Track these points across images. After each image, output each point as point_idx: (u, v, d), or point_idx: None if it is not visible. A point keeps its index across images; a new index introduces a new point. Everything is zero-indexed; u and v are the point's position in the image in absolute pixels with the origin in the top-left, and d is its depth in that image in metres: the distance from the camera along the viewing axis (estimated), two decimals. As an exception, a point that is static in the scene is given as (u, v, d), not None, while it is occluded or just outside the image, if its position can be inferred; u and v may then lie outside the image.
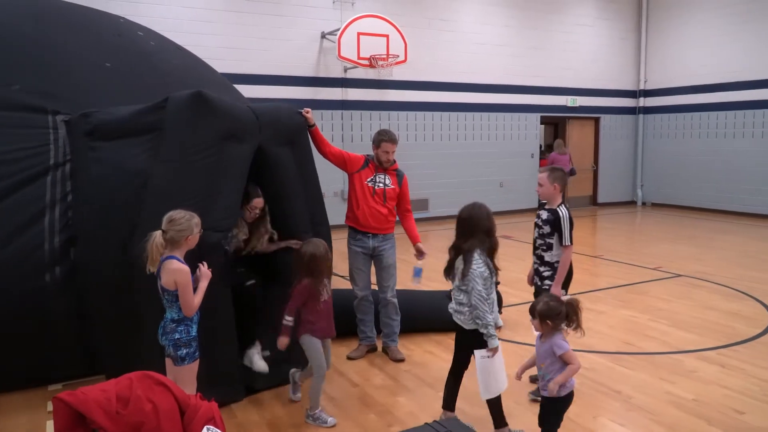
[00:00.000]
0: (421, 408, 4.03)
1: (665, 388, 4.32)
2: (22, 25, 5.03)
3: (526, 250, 4.31)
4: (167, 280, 3.17)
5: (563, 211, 4.08)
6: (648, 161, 15.53)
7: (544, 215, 4.16)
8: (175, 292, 3.17)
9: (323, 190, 4.83)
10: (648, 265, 8.33)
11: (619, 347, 5.17)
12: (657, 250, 9.57)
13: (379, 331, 5.08)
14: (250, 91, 8.71)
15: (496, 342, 3.38)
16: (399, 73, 11.76)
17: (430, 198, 12.77)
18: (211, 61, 7.10)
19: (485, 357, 3.38)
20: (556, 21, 14.17)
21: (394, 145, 4.82)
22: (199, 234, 3.32)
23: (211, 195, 3.82)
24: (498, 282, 3.77)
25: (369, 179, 4.81)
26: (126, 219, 3.84)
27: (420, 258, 4.89)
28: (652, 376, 4.54)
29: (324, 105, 11.49)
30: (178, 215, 3.23)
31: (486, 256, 3.44)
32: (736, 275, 7.65)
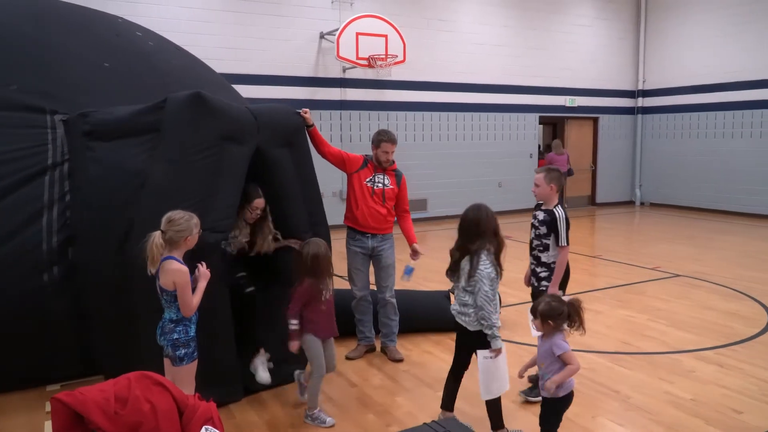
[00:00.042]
0: (420, 408, 4.03)
1: (664, 387, 4.33)
2: (21, 25, 5.03)
3: (524, 250, 4.30)
4: (166, 280, 3.17)
5: (560, 212, 4.07)
6: (646, 161, 15.55)
7: (540, 216, 4.15)
8: (174, 292, 3.17)
9: (321, 190, 4.83)
10: (646, 265, 8.34)
11: (618, 347, 5.18)
12: (655, 250, 9.57)
13: (378, 331, 5.08)
14: (248, 91, 8.70)
15: (500, 343, 3.39)
16: (398, 73, 11.76)
17: (428, 198, 12.78)
18: (210, 61, 7.09)
19: (488, 358, 3.38)
20: (554, 21, 14.18)
21: (393, 146, 4.83)
22: (198, 234, 3.31)
23: (211, 195, 3.81)
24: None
25: (368, 179, 4.81)
26: (125, 219, 3.84)
27: (414, 258, 4.89)
28: (650, 375, 4.55)
29: (322, 105, 11.49)
30: (177, 216, 3.23)
31: (493, 256, 3.45)
32: (734, 275, 7.66)
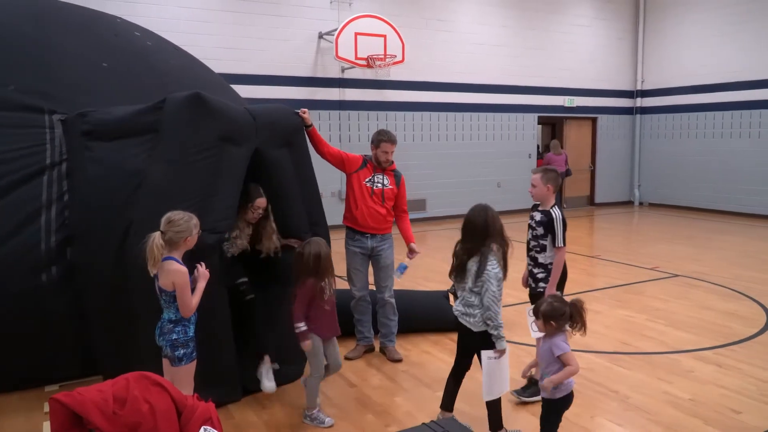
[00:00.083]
0: (419, 408, 4.03)
1: (662, 387, 4.33)
2: (21, 25, 5.01)
3: (522, 250, 4.31)
4: (165, 281, 3.16)
5: (556, 213, 4.07)
6: (645, 161, 15.56)
7: (537, 216, 4.15)
8: (173, 292, 3.17)
9: (321, 190, 4.83)
10: (645, 265, 8.35)
11: (617, 347, 5.18)
12: (654, 250, 9.58)
13: (377, 332, 5.08)
14: (247, 92, 8.70)
15: (504, 344, 3.40)
16: (396, 74, 11.76)
17: (427, 198, 12.78)
18: (208, 61, 7.09)
19: (492, 358, 3.39)
20: (553, 21, 14.19)
21: (393, 146, 4.83)
22: (198, 235, 3.31)
23: (210, 196, 3.81)
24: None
25: (367, 179, 4.81)
26: (124, 219, 3.83)
27: (410, 257, 4.89)
28: (649, 375, 4.55)
29: (321, 105, 11.49)
30: (176, 216, 3.22)
31: (500, 257, 3.45)
32: (733, 275, 7.66)
